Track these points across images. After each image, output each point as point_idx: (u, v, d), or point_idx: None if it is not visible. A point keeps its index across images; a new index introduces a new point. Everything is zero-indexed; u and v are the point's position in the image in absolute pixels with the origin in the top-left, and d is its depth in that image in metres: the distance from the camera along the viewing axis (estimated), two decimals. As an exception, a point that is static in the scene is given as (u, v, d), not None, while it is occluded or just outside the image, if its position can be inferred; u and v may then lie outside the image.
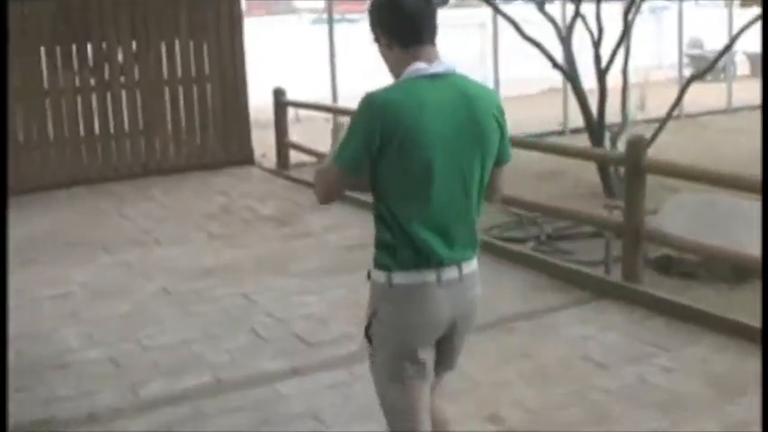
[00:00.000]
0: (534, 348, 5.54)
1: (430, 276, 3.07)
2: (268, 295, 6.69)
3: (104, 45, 11.17)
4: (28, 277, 7.38)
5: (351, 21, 18.72)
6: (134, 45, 11.28)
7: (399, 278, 3.07)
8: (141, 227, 8.96)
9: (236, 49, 11.91)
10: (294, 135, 11.96)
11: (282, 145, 11.59)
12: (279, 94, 11.55)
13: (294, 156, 11.60)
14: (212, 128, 11.94)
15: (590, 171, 9.90)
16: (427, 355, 3.17)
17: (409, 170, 2.99)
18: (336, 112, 12.45)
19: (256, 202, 9.90)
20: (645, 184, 6.46)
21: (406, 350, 3.13)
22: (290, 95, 11.75)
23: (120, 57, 11.28)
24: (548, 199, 8.71)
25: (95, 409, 4.95)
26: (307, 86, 13.31)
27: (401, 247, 3.06)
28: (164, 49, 11.54)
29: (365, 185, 3.08)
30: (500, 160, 3.21)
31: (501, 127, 3.14)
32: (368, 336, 3.18)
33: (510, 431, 4.52)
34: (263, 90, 12.22)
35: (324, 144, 11.61)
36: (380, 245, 3.11)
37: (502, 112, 3.15)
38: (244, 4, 12.39)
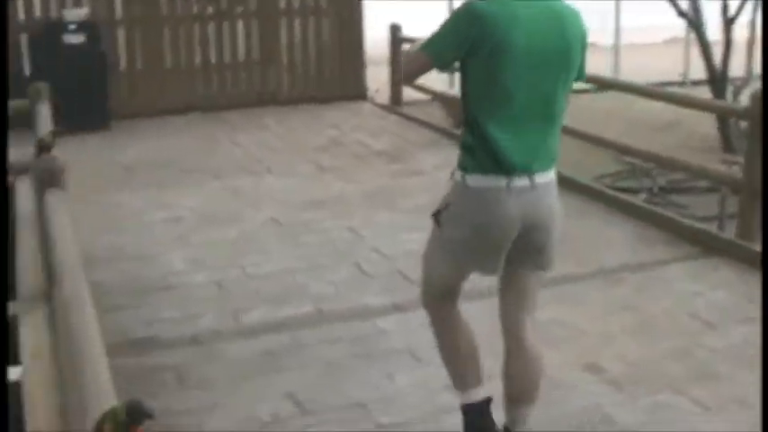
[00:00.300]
0: (640, 301, 5.42)
1: (500, 182, 3.26)
2: (375, 230, 6.69)
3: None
4: (142, 200, 7.55)
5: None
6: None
7: (473, 180, 3.30)
8: (253, 155, 9.05)
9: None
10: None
11: (396, 81, 11.51)
12: (395, 30, 11.45)
13: (407, 93, 11.51)
14: (327, 61, 11.93)
15: (707, 125, 9.60)
16: (485, 259, 3.41)
17: (494, 79, 3.20)
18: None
19: (368, 136, 9.89)
20: (768, 139, 6.22)
21: (467, 247, 3.39)
22: (407, 32, 11.63)
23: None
24: (663, 150, 8.47)
25: (197, 332, 5.05)
26: (424, 23, 13.16)
27: (479, 150, 3.28)
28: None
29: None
30: (577, 77, 3.40)
31: (584, 48, 3.35)
32: (437, 219, 3.45)
33: (609, 382, 4.44)
34: (379, 26, 12.13)
35: (439, 82, 11.59)
36: (463, 146, 3.35)
37: (585, 34, 3.35)
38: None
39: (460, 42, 3.18)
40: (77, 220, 7.09)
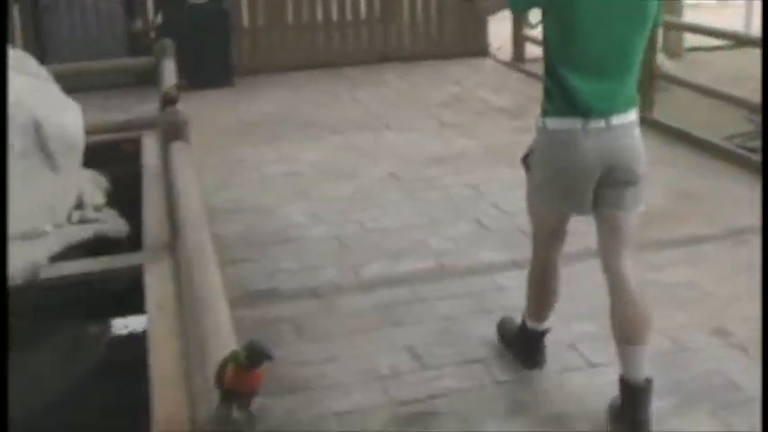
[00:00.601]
0: (770, 263, 5.22)
1: (576, 124, 3.44)
2: (495, 186, 6.60)
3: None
4: (262, 155, 7.62)
5: None
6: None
7: (552, 123, 3.51)
8: (373, 111, 9.03)
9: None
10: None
11: (519, 38, 11.30)
12: (518, -16, 11.23)
13: (529, 50, 11.30)
14: (448, 18, 11.78)
15: None
16: (572, 198, 3.60)
17: (570, 28, 3.38)
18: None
19: (489, 93, 9.75)
20: None
21: (553, 187, 3.63)
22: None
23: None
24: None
25: (316, 285, 5.08)
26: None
27: (557, 95, 3.47)
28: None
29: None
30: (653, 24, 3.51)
31: None
32: (526, 164, 3.76)
33: (736, 346, 4.30)
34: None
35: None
36: (544, 92, 3.55)
37: None
38: None
39: None
40: (202, 172, 7.23)
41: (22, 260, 4.73)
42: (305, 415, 3.84)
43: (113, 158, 6.85)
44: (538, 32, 3.73)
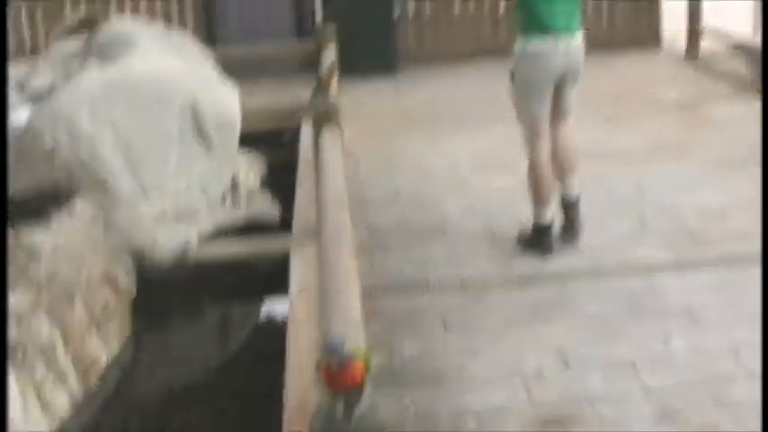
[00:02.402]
0: None
1: (549, 43, 4.95)
2: (661, 182, 6.30)
3: None
4: (422, 145, 7.58)
5: None
6: None
7: (532, 46, 4.97)
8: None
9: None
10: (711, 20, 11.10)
11: (693, 30, 10.81)
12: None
13: (705, 43, 10.81)
14: (620, 7, 11.40)
15: None
16: (546, 88, 5.08)
17: None
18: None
19: (660, 86, 9.36)
20: None
21: (535, 82, 5.05)
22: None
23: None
24: None
25: (466, 277, 4.96)
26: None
27: (533, 23, 4.93)
28: None
29: None
30: None
31: None
32: (512, 78, 5.11)
33: None
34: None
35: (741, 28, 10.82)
36: (521, 21, 4.99)
37: None
38: None
39: None
40: (360, 161, 7.24)
41: (174, 240, 4.80)
42: (444, 410, 3.72)
43: (273, 144, 6.92)
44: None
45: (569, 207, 5.31)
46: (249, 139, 6.33)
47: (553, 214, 5.22)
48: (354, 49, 9.72)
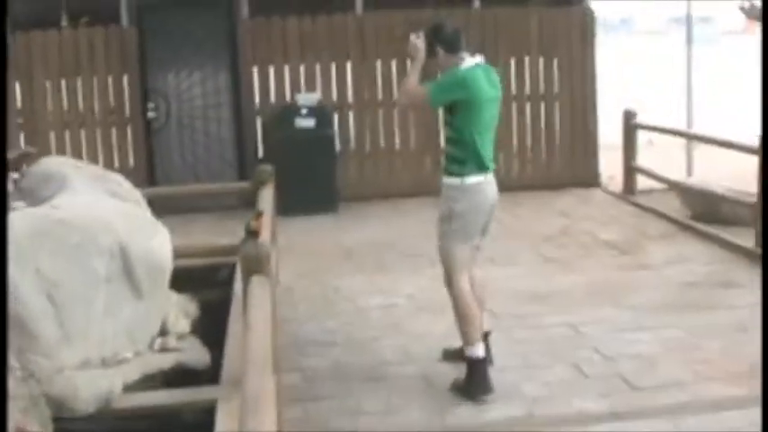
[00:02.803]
0: None
1: (482, 177, 5.29)
2: (597, 328, 6.28)
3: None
4: (360, 284, 7.54)
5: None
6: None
7: (469, 180, 5.23)
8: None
9: (587, 67, 11.50)
10: (645, 159, 11.33)
11: (630, 169, 11.01)
12: (629, 115, 10.97)
13: (641, 181, 11.00)
14: (558, 147, 11.60)
15: None
16: (477, 231, 5.44)
17: (477, 115, 5.20)
18: (690, 137, 11.76)
19: (597, 226, 9.45)
20: None
21: (472, 223, 5.36)
22: (652, 116, 11.17)
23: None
24: None
25: (401, 428, 4.82)
26: (669, 107, 12.70)
27: (469, 160, 5.21)
28: (513, 65, 11.39)
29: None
30: None
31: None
32: (448, 218, 5.32)
33: None
34: (614, 111, 11.74)
35: (675, 170, 11.03)
36: (455, 158, 5.27)
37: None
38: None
39: (456, 96, 5.19)
40: (297, 301, 7.14)
41: (97, 387, 4.62)
42: None
43: (209, 281, 6.77)
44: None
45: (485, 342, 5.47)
46: (185, 277, 6.21)
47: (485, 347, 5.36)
48: (296, 186, 9.80)
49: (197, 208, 10.04)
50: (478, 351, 5.24)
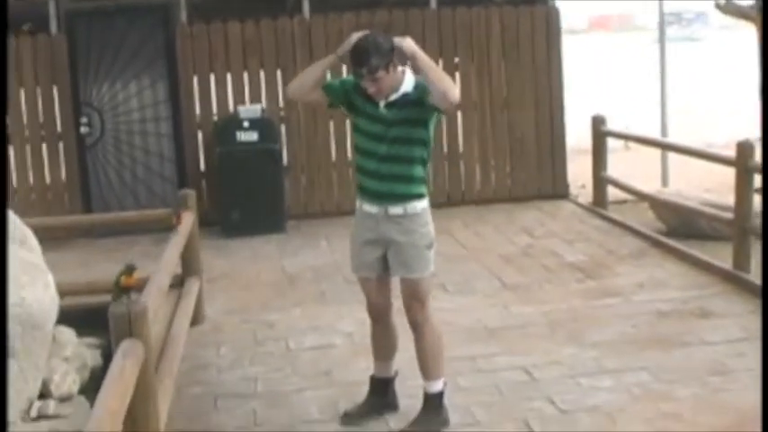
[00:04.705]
0: None
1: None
2: (554, 372, 5.55)
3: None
4: (295, 320, 6.83)
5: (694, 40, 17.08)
6: (440, 64, 10.36)
7: (426, 201, 4.84)
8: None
9: (553, 70, 10.71)
10: (621, 163, 10.57)
11: (599, 180, 10.24)
12: (597, 122, 10.16)
13: (612, 192, 10.27)
14: (523, 157, 10.82)
15: None
16: None
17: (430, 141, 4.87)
18: (664, 146, 11.06)
19: (563, 245, 8.69)
20: None
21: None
22: (628, 120, 10.43)
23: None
24: None
25: None
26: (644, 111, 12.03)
27: (426, 182, 4.86)
28: (473, 69, 10.63)
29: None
30: None
31: None
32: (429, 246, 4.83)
33: None
34: (582, 117, 11.03)
35: (650, 180, 10.34)
36: (423, 181, 4.80)
37: None
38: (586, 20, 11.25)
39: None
40: (223, 342, 6.37)
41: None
42: None
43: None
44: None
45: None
46: (88, 317, 5.54)
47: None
48: (240, 205, 9.33)
49: (136, 230, 9.29)
50: (442, 384, 4.91)
